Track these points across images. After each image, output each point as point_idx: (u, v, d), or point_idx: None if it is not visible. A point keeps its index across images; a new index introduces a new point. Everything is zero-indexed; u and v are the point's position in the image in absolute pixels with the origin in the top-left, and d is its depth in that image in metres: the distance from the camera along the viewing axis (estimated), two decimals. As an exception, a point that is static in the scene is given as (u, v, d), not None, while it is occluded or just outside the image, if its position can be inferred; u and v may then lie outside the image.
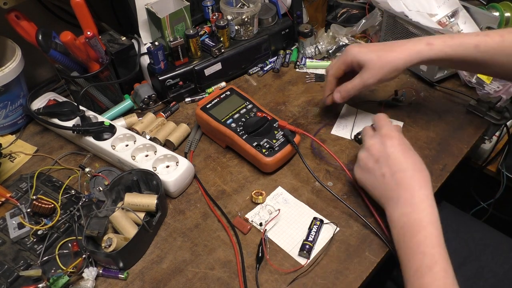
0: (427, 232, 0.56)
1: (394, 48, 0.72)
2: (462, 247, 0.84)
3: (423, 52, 0.70)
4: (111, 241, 0.61)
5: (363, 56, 0.73)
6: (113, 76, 0.87)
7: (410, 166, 0.61)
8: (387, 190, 0.62)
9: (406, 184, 0.60)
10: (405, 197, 0.59)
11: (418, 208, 0.58)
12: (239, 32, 0.94)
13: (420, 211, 0.57)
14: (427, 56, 0.70)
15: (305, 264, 0.63)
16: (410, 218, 0.58)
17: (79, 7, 0.76)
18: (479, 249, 0.83)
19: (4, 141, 0.84)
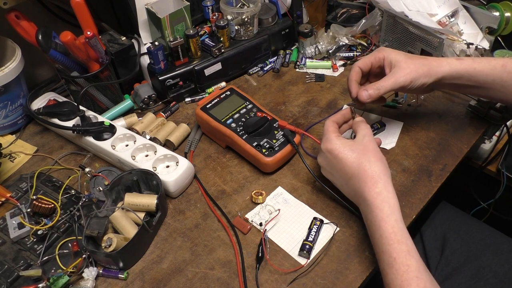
0: (382, 230, 0.57)
1: (424, 57, 0.73)
2: (462, 247, 0.84)
3: (453, 64, 0.71)
4: (111, 241, 0.61)
5: (396, 55, 0.71)
6: (113, 76, 0.87)
7: (355, 170, 0.62)
8: (351, 196, 0.66)
9: (357, 189, 0.62)
10: (361, 201, 0.62)
11: (370, 209, 0.59)
12: (239, 32, 0.94)
13: (372, 211, 0.59)
14: (456, 68, 0.70)
15: (305, 264, 0.63)
16: (368, 220, 0.61)
17: (79, 7, 0.76)
18: (480, 249, 0.83)
19: (4, 141, 0.84)
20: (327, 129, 0.67)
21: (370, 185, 0.60)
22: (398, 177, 0.74)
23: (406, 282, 0.53)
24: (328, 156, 0.65)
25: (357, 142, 0.65)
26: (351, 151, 0.63)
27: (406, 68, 0.70)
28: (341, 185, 0.67)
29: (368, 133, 0.66)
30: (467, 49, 0.87)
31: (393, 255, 0.55)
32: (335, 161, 0.64)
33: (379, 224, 0.57)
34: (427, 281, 0.53)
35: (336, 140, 0.65)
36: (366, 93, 0.71)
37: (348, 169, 0.63)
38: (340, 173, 0.64)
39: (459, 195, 1.13)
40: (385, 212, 0.58)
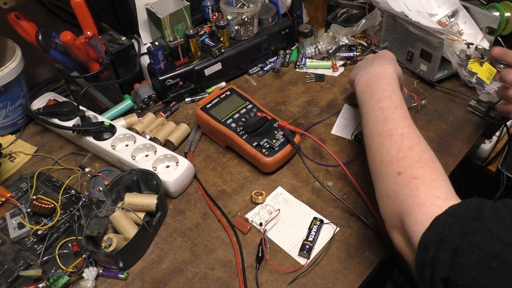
0: (389, 80, 0.66)
1: None
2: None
3: None
4: (111, 241, 0.61)
5: None
6: (113, 76, 0.87)
7: (388, 60, 0.71)
8: (363, 69, 0.72)
9: (377, 63, 0.71)
10: (371, 69, 0.70)
11: (380, 72, 0.68)
12: (239, 32, 0.94)
13: (385, 70, 0.68)
14: None
15: (305, 264, 0.63)
16: (378, 73, 0.69)
17: (79, 7, 0.76)
18: None
19: (4, 141, 0.84)
20: None
21: (390, 63, 0.71)
22: (398, 177, 0.74)
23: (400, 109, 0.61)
24: (376, 54, 0.77)
25: None
26: None
27: None
28: (364, 62, 0.76)
29: None
30: (467, 49, 0.87)
31: (395, 92, 0.64)
32: (382, 53, 0.76)
33: (386, 76, 0.67)
34: None
35: None
36: None
37: (385, 55, 0.74)
38: (376, 56, 0.75)
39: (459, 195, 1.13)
40: (389, 73, 0.68)
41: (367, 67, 0.72)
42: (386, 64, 0.70)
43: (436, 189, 0.48)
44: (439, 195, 0.47)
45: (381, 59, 0.73)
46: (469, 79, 0.89)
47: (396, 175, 0.52)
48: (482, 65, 0.88)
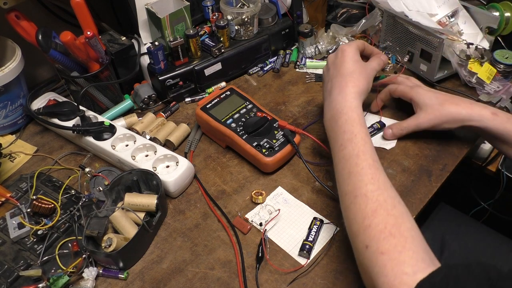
0: (347, 116, 0.64)
1: (459, 102, 0.72)
2: (461, 248, 0.84)
3: (486, 118, 0.69)
4: (111, 241, 0.61)
5: (426, 99, 0.74)
6: (113, 76, 0.87)
7: (348, 73, 0.68)
8: (326, 94, 0.70)
9: (338, 85, 0.68)
10: (334, 96, 0.68)
11: (342, 101, 0.66)
12: (239, 32, 0.94)
13: (342, 102, 0.65)
14: (487, 124, 0.69)
15: (305, 264, 0.63)
16: (334, 110, 0.66)
17: (79, 7, 0.76)
18: (478, 250, 0.83)
19: (4, 141, 0.84)
20: (355, 42, 0.74)
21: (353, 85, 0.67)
22: (398, 177, 0.74)
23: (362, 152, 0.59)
24: (338, 53, 0.72)
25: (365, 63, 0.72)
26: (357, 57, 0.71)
27: (430, 114, 0.73)
28: (328, 80, 0.71)
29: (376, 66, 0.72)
30: (467, 49, 0.87)
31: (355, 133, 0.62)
32: (342, 58, 0.70)
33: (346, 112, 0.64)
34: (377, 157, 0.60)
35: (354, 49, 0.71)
36: (390, 132, 0.79)
37: (346, 67, 0.69)
38: (337, 67, 0.70)
39: (459, 195, 1.13)
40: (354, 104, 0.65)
41: (328, 96, 0.70)
42: (344, 87, 0.67)
43: (403, 264, 0.47)
44: (407, 271, 0.46)
45: (339, 76, 0.69)
46: (469, 79, 0.89)
47: (364, 248, 0.51)
48: (482, 65, 0.88)
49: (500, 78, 0.89)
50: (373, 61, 0.72)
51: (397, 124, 0.78)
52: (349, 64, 0.69)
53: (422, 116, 0.74)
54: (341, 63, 0.70)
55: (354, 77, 0.67)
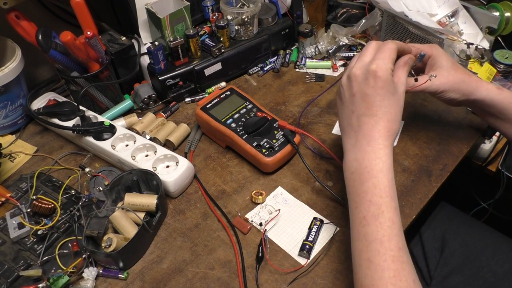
0: (376, 180, 0.53)
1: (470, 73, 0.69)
2: (461, 247, 0.84)
3: (492, 92, 0.67)
4: (111, 241, 0.61)
5: (444, 61, 0.67)
6: (113, 76, 0.87)
7: (381, 113, 0.56)
8: (349, 129, 0.59)
9: (367, 130, 0.56)
10: (361, 143, 0.56)
11: (371, 156, 0.55)
12: (239, 32, 0.94)
13: (372, 158, 0.54)
14: (493, 98, 0.67)
15: (305, 264, 0.63)
16: (361, 165, 0.55)
17: (79, 7, 0.76)
18: (479, 249, 0.83)
19: (4, 141, 0.84)
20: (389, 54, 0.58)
21: (384, 134, 0.55)
22: (398, 177, 0.74)
23: (387, 236, 0.50)
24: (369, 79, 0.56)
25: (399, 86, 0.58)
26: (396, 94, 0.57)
27: (442, 78, 0.67)
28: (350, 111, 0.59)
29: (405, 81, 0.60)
30: (467, 49, 0.87)
31: (382, 208, 0.52)
32: (372, 90, 0.56)
33: (375, 174, 0.53)
34: (404, 242, 0.52)
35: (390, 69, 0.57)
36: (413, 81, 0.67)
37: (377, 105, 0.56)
38: (365, 102, 0.57)
39: (459, 195, 1.13)
40: (386, 165, 0.54)
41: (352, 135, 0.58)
42: (377, 136, 0.55)
43: None
44: None
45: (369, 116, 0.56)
46: (469, 79, 0.89)
47: None
48: (482, 65, 0.88)
49: (500, 78, 0.89)
50: (401, 75, 0.60)
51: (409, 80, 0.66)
52: (384, 98, 0.56)
53: (438, 76, 0.67)
54: (374, 95, 0.56)
55: (388, 118, 0.56)
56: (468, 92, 0.67)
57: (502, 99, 0.67)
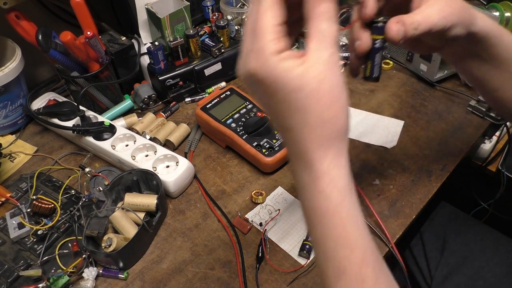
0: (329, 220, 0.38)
1: None
2: (462, 248, 0.84)
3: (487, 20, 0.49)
4: (111, 241, 0.61)
5: None
6: (113, 76, 0.87)
7: (298, 120, 0.37)
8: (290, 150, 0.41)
9: (297, 147, 0.38)
10: (298, 168, 0.41)
11: (319, 188, 0.38)
12: (239, 32, 0.94)
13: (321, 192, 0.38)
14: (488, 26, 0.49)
15: (305, 264, 0.63)
16: (310, 203, 0.40)
17: (79, 7, 0.76)
18: (479, 250, 0.83)
19: (4, 141, 0.84)
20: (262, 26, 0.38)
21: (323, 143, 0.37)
22: (398, 177, 0.74)
23: None
24: (254, 86, 0.38)
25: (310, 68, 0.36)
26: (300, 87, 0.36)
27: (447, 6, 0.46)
28: (273, 119, 0.40)
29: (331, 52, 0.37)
30: (467, 49, 0.87)
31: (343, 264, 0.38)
32: (265, 99, 0.38)
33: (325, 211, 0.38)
34: None
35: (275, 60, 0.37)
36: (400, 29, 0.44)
37: (287, 115, 0.37)
38: (272, 112, 0.39)
39: (459, 195, 1.13)
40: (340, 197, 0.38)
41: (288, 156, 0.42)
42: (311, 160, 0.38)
43: None
44: None
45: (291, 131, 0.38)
46: (469, 79, 0.89)
47: None
48: (482, 65, 0.87)
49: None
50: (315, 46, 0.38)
51: (407, 18, 0.45)
52: (290, 105, 0.37)
53: (435, 12, 0.45)
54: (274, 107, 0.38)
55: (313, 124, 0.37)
56: (469, 22, 0.48)
57: (496, 29, 0.50)
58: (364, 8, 0.45)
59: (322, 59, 0.37)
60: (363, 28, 0.46)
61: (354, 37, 0.47)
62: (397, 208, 0.70)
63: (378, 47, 0.47)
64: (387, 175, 0.75)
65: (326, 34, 0.39)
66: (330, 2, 0.38)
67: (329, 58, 0.37)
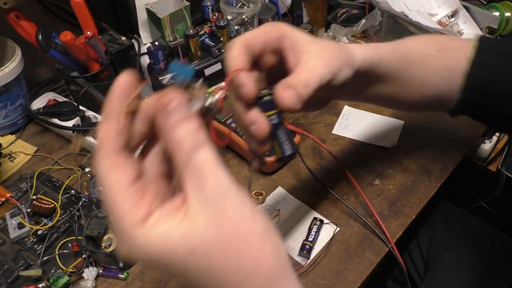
0: None
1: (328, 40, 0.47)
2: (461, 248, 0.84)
3: (360, 49, 0.47)
4: (111, 241, 0.61)
5: (300, 34, 0.43)
6: (113, 76, 0.87)
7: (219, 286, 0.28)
8: None
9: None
10: None
11: None
12: (239, 32, 0.94)
13: None
14: (366, 54, 0.47)
15: (305, 264, 0.63)
16: None
17: (79, 7, 0.76)
18: (478, 248, 0.83)
19: (4, 141, 0.84)
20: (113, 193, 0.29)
21: None
22: (398, 177, 0.74)
23: None
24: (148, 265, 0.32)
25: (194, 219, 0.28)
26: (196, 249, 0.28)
27: (320, 53, 0.42)
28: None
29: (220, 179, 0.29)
30: (467, 49, 0.87)
31: None
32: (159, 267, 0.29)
33: None
34: None
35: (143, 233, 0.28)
36: (293, 94, 0.39)
37: None
38: None
39: (459, 195, 1.14)
40: None
41: None
42: None
43: None
44: None
45: None
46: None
47: None
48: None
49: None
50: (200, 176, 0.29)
51: (292, 79, 0.41)
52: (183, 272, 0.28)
53: (317, 63, 0.41)
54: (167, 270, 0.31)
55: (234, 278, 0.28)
56: (351, 60, 0.45)
57: (373, 53, 0.48)
58: (245, 89, 0.38)
59: (206, 200, 0.27)
60: (249, 109, 0.39)
61: (246, 123, 0.40)
62: (397, 208, 0.70)
63: (277, 123, 0.41)
64: (387, 175, 0.75)
65: (202, 164, 0.28)
66: (192, 121, 0.29)
67: (215, 195, 0.27)
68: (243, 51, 0.41)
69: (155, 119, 0.30)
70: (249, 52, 0.41)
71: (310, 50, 0.42)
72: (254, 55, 0.42)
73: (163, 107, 0.29)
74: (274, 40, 0.42)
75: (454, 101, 0.53)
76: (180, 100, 0.30)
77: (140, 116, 0.32)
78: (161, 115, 0.29)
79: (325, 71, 0.41)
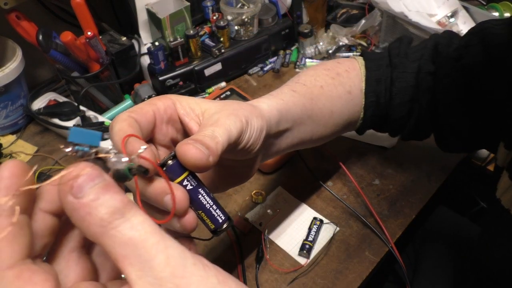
0: None
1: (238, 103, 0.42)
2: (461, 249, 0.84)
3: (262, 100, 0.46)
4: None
5: (192, 99, 0.40)
6: (113, 76, 0.87)
7: None
8: None
9: None
10: None
11: None
12: (239, 32, 0.95)
13: None
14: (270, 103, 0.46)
15: (305, 264, 0.63)
16: None
17: (79, 7, 0.76)
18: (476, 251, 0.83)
19: (4, 141, 0.85)
20: None
21: None
22: (397, 177, 0.74)
23: None
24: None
25: None
26: None
27: (221, 107, 0.40)
28: None
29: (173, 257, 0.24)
30: (466, 49, 0.87)
31: None
32: None
33: None
34: None
35: None
36: (199, 148, 0.33)
37: None
38: None
39: (459, 196, 1.13)
40: None
41: None
42: None
43: None
44: None
45: None
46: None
47: None
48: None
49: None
50: None
51: (195, 136, 0.35)
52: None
53: (219, 118, 0.38)
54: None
55: None
56: (257, 109, 0.43)
57: (279, 105, 0.47)
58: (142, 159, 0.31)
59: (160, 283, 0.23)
60: (152, 181, 0.32)
61: (155, 197, 0.32)
62: (396, 208, 0.70)
63: (193, 188, 0.34)
64: (387, 175, 0.75)
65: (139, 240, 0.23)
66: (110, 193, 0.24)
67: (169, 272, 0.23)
68: (127, 123, 0.35)
69: (62, 204, 0.24)
70: (134, 124, 0.35)
71: (209, 108, 0.39)
72: (143, 127, 0.36)
73: (69, 187, 0.23)
74: (165, 108, 0.38)
75: (359, 120, 0.59)
76: (90, 171, 0.24)
77: (41, 205, 0.25)
78: (68, 196, 0.23)
79: (231, 122, 0.37)
